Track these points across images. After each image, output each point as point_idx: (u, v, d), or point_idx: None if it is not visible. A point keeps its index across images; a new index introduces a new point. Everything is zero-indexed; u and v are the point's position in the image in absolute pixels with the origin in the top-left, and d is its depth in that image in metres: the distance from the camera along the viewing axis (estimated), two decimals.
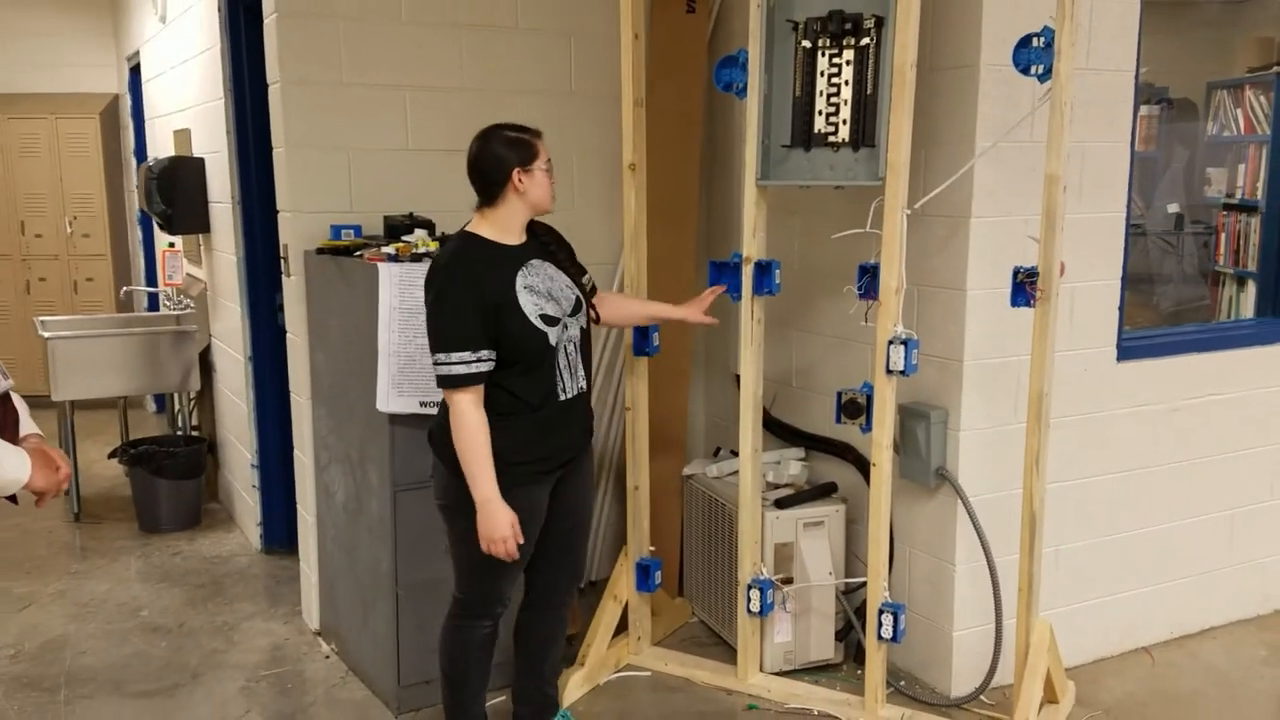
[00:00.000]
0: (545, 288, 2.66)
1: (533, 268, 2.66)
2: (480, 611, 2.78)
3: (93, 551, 4.64)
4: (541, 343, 2.61)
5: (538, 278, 2.66)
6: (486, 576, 2.72)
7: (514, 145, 2.61)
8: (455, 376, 2.53)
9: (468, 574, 2.75)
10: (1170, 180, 4.99)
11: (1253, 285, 4.20)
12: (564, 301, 2.69)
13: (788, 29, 2.98)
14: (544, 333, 2.61)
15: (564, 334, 2.67)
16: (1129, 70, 3.27)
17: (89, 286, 7.38)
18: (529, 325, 2.59)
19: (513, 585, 2.80)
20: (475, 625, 2.79)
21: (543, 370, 2.64)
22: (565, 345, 2.68)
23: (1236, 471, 3.72)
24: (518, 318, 2.57)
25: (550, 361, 2.64)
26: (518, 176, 2.60)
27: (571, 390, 2.71)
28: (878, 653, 3.05)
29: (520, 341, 2.58)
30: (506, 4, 3.73)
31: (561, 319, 2.67)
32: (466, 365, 2.52)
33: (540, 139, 2.66)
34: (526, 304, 2.60)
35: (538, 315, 2.61)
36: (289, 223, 3.59)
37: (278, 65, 3.48)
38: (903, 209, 2.85)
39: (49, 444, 2.11)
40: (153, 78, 6.01)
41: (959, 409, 3.17)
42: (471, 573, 2.74)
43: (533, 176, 2.62)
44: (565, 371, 2.69)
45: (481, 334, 2.53)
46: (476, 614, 2.78)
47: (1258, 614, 3.89)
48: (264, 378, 4.48)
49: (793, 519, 3.37)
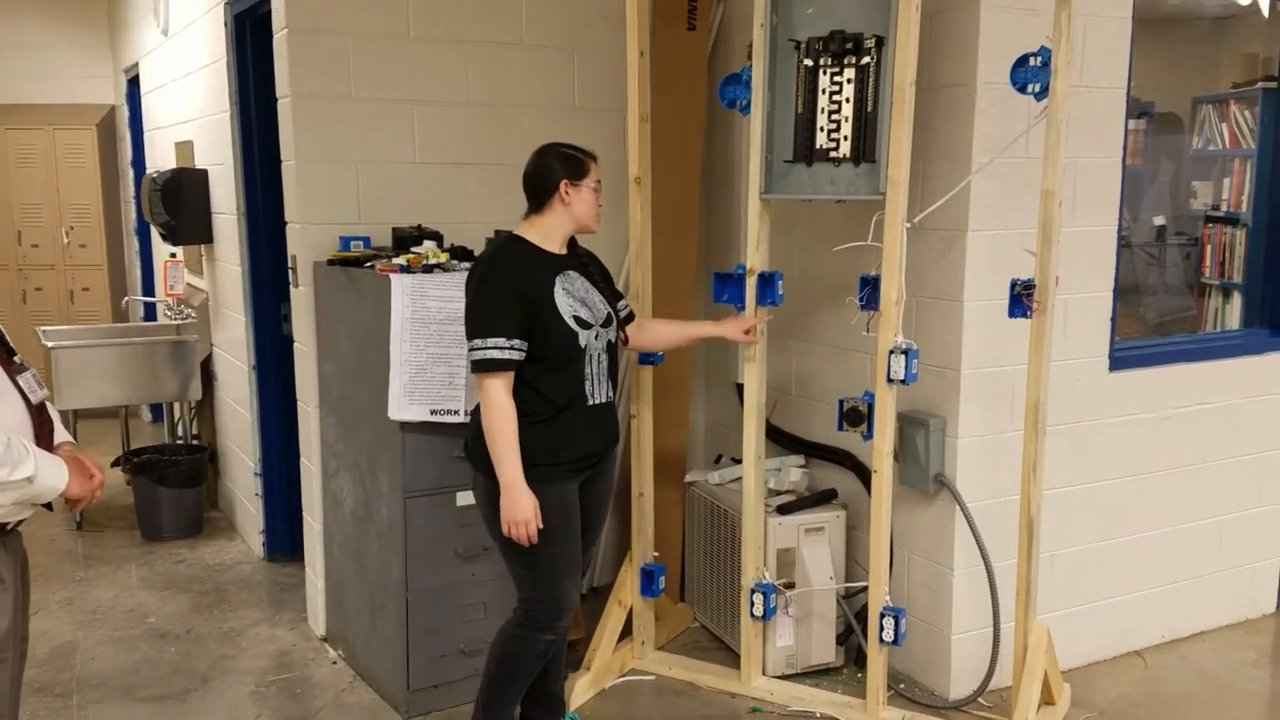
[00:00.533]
0: (580, 295, 2.79)
1: (570, 277, 2.80)
2: (545, 622, 2.79)
3: (96, 559, 4.67)
4: (572, 341, 2.72)
5: (573, 285, 2.79)
6: (545, 580, 2.77)
7: (567, 160, 2.77)
8: (490, 360, 2.63)
9: (527, 583, 2.80)
10: (1157, 193, 5.09)
11: (1239, 296, 4.29)
12: (596, 311, 2.81)
13: (790, 48, 3.07)
14: (575, 332, 2.73)
15: (594, 341, 2.78)
16: (1121, 87, 3.36)
17: (85, 296, 7.41)
18: (562, 322, 2.71)
19: (575, 589, 2.82)
20: (537, 637, 2.80)
21: (570, 370, 2.74)
22: (595, 352, 2.79)
23: (1225, 479, 3.81)
24: (552, 313, 2.70)
25: (578, 363, 2.75)
26: (565, 188, 2.75)
27: (599, 397, 2.81)
28: (879, 655, 3.12)
29: (552, 336, 2.69)
30: (511, 21, 3.81)
31: (594, 325, 2.78)
32: (501, 351, 2.63)
33: (594, 161, 2.81)
34: (562, 303, 2.72)
35: (571, 315, 2.73)
36: (297, 234, 3.65)
37: (288, 80, 3.54)
38: (902, 223, 2.93)
39: (82, 452, 2.17)
40: (153, 90, 6.05)
41: (957, 417, 3.25)
42: (532, 579, 2.79)
43: (579, 191, 2.77)
44: (596, 378, 2.79)
45: (517, 324, 2.65)
46: (540, 624, 2.79)
47: (1246, 618, 3.97)
48: (268, 387, 4.53)
49: (795, 525, 3.44)
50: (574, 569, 2.82)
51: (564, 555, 2.77)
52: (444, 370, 3.10)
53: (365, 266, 3.30)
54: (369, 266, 3.28)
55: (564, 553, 2.77)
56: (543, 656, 2.84)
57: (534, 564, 2.76)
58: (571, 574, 2.81)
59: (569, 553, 2.78)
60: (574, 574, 2.82)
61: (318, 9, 3.50)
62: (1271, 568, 4.01)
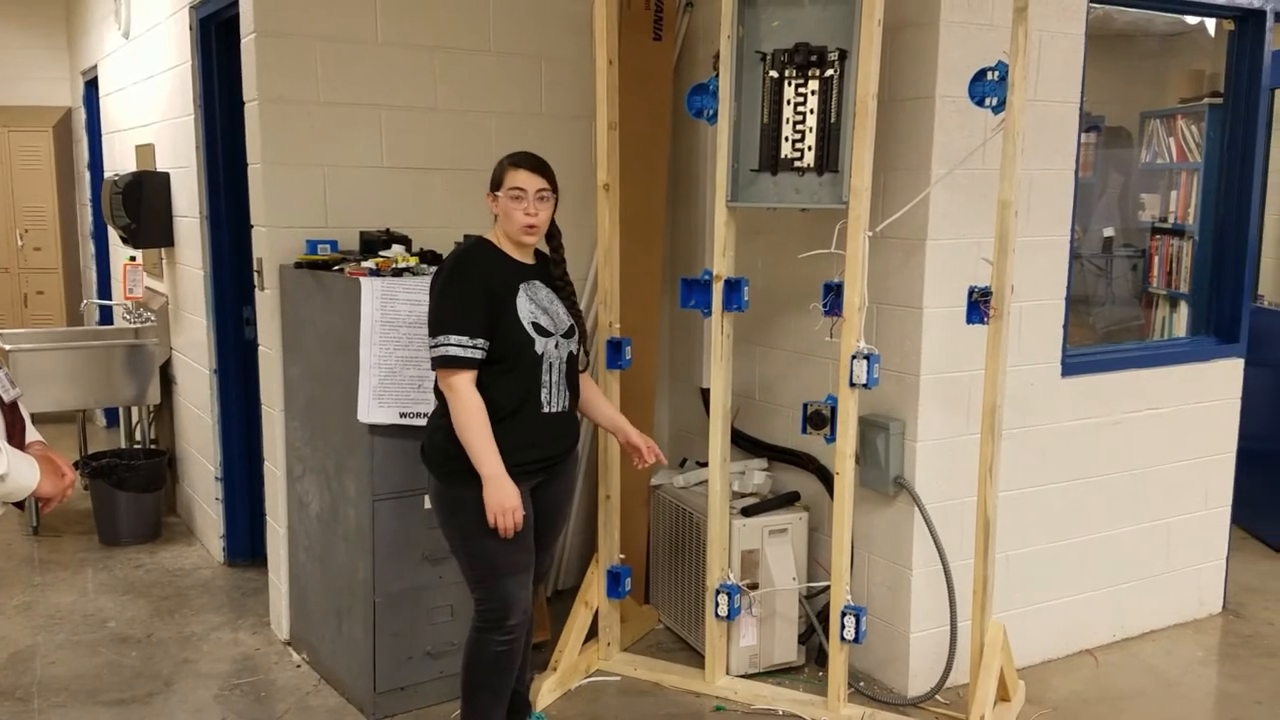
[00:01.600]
0: (543, 304, 2.80)
1: (534, 286, 2.81)
2: (494, 622, 2.79)
3: (54, 564, 4.62)
4: (527, 347, 2.74)
5: (538, 294, 2.81)
6: (491, 582, 2.78)
7: (495, 169, 2.81)
8: (451, 358, 2.65)
9: (475, 583, 2.82)
10: (1106, 205, 5.22)
11: (1185, 306, 4.42)
12: (559, 322, 2.82)
13: (756, 59, 3.13)
14: (532, 339, 2.74)
15: (554, 350, 2.79)
16: (1074, 102, 3.47)
17: (39, 300, 7.32)
18: (520, 327, 2.73)
19: (523, 590, 2.82)
20: (490, 639, 2.81)
21: (525, 375, 2.75)
22: (554, 361, 2.80)
23: (1173, 481, 3.93)
24: (511, 317, 2.72)
25: (534, 369, 2.76)
26: (489, 199, 2.80)
27: (556, 405, 2.82)
28: (840, 653, 3.19)
29: (508, 339, 2.71)
30: (479, 28, 3.84)
31: (554, 335, 2.79)
32: (463, 349, 2.65)
33: (522, 168, 2.75)
34: (522, 308, 2.75)
35: (530, 322, 2.75)
36: (263, 237, 3.65)
37: (255, 83, 3.55)
38: (864, 231, 3.00)
39: (53, 451, 2.17)
40: (112, 92, 6.00)
41: (916, 420, 3.33)
42: (477, 581, 2.81)
43: (497, 201, 2.78)
44: (554, 387, 2.81)
45: (480, 324, 2.67)
46: (491, 625, 2.80)
47: (1194, 618, 4.09)
48: (229, 390, 4.51)
49: (758, 526, 3.50)
50: (521, 570, 2.81)
51: (509, 557, 2.76)
52: (413, 373, 3.13)
53: (333, 270, 3.32)
54: (337, 270, 3.29)
55: (509, 554, 2.76)
56: (502, 659, 2.84)
57: (480, 565, 2.77)
58: (518, 575, 2.80)
59: (515, 554, 2.77)
60: (521, 575, 2.81)
61: (286, 13, 3.52)
62: (1218, 569, 4.14)
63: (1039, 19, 3.26)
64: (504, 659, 2.84)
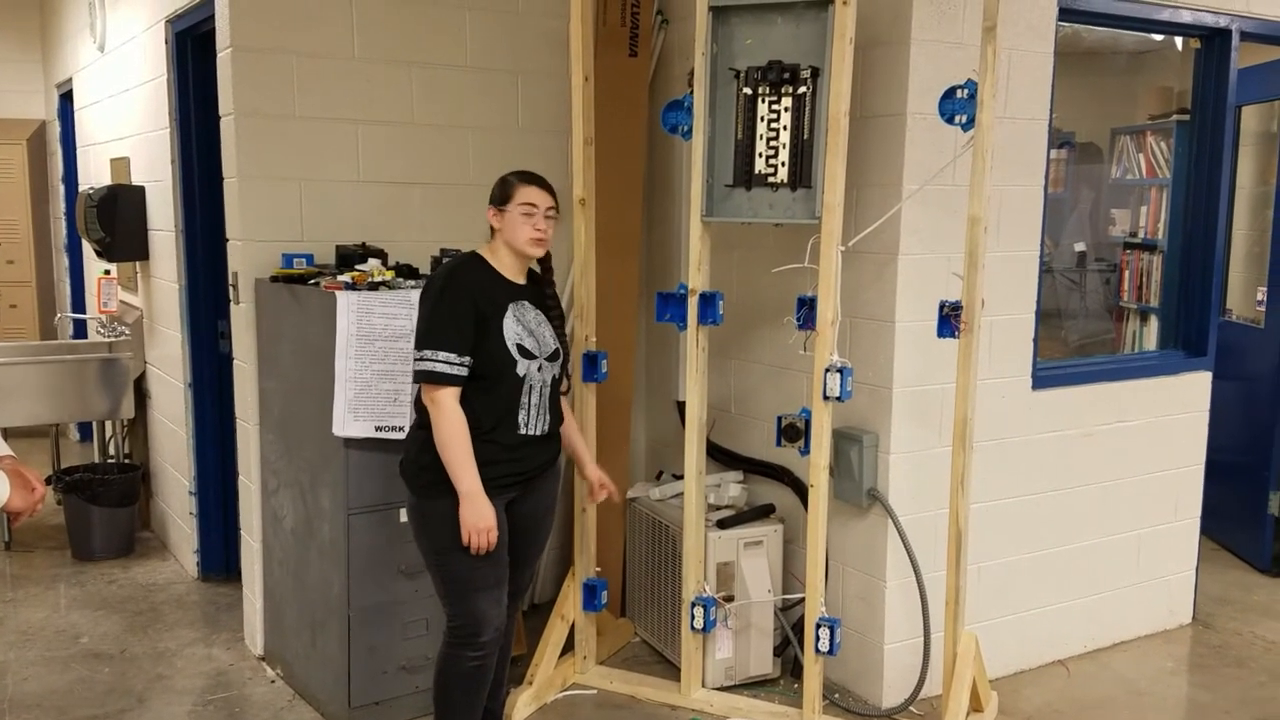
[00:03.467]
0: (530, 326, 2.81)
1: (524, 306, 2.82)
2: (465, 639, 2.79)
3: (26, 580, 4.59)
4: (509, 368, 2.74)
5: (526, 316, 2.81)
6: (463, 598, 2.78)
7: (500, 185, 2.84)
8: (437, 374, 2.66)
9: (447, 599, 2.82)
10: (1077, 220, 5.29)
11: (1155, 319, 4.48)
12: (544, 345, 2.83)
13: (730, 76, 3.17)
14: (515, 360, 2.75)
15: (537, 373, 2.80)
16: (1043, 119, 3.52)
17: (12, 314, 7.27)
18: (504, 348, 2.73)
19: (495, 607, 2.81)
20: (462, 655, 2.81)
21: (505, 396, 2.75)
22: (537, 384, 2.81)
23: (1143, 494, 3.97)
24: (495, 337, 2.72)
25: (515, 390, 2.76)
26: (491, 214, 2.81)
27: (536, 429, 2.82)
28: (815, 665, 3.20)
29: (492, 359, 2.71)
30: (456, 44, 3.86)
31: (538, 357, 2.80)
32: (450, 365, 2.66)
33: (533, 185, 2.81)
34: (508, 329, 2.75)
35: (515, 343, 2.75)
36: (239, 251, 3.65)
37: (231, 97, 3.55)
38: (837, 246, 3.04)
39: (23, 465, 2.16)
40: (87, 105, 5.98)
41: (889, 433, 3.36)
42: (450, 597, 2.81)
43: (504, 216, 2.80)
44: (533, 409, 2.81)
45: (467, 340, 2.69)
46: (462, 641, 2.80)
47: (1164, 628, 4.13)
48: (204, 404, 4.50)
49: (734, 539, 3.52)
50: (493, 587, 2.80)
51: (482, 572, 2.75)
52: (389, 387, 3.13)
53: (309, 284, 3.32)
54: (313, 284, 3.30)
55: (482, 570, 2.75)
56: (474, 675, 2.83)
57: (453, 580, 2.77)
58: (490, 591, 2.79)
59: (488, 570, 2.76)
60: (493, 592, 2.80)
61: (262, 28, 3.53)
62: (1187, 580, 4.18)
63: (1008, 37, 3.31)
64: (476, 674, 2.83)
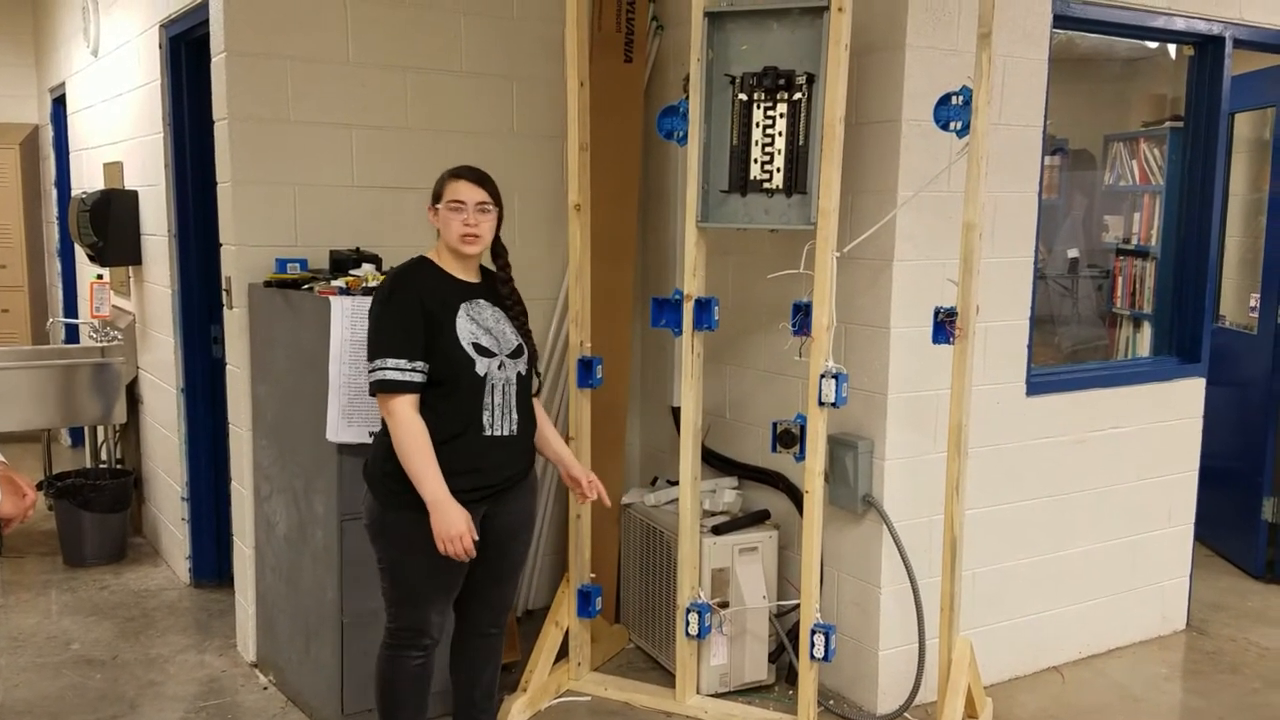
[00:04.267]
0: (486, 324, 2.74)
1: (479, 305, 2.76)
2: (408, 642, 2.78)
3: (17, 585, 4.56)
4: (468, 370, 2.67)
5: (480, 314, 2.75)
6: (410, 606, 2.75)
7: (435, 184, 2.78)
8: (389, 381, 2.60)
9: (393, 603, 2.78)
10: (1071, 226, 5.30)
11: (1148, 326, 4.48)
12: (504, 341, 2.75)
13: (725, 82, 3.17)
14: (472, 359, 2.68)
15: (498, 370, 2.72)
16: (1037, 125, 3.53)
17: (4, 318, 7.24)
18: (459, 348, 2.66)
19: (440, 616, 2.79)
20: (404, 656, 2.79)
21: (467, 398, 2.68)
22: (499, 383, 2.72)
23: (1137, 500, 3.98)
24: (449, 338, 2.66)
25: (477, 392, 2.69)
26: (430, 213, 2.78)
27: (503, 429, 2.74)
28: (810, 672, 3.20)
29: (447, 361, 2.65)
30: (451, 49, 3.86)
31: (499, 355, 2.73)
32: (401, 372, 2.61)
33: (462, 179, 2.74)
34: (462, 328, 2.69)
35: (470, 342, 2.68)
36: (232, 256, 3.64)
37: (225, 102, 3.55)
38: (832, 252, 3.04)
39: (14, 471, 2.15)
40: (80, 110, 5.97)
41: (884, 439, 3.36)
42: (396, 601, 2.77)
43: (437, 214, 2.75)
44: (498, 409, 2.73)
45: (419, 345, 2.63)
46: (405, 644, 2.78)
47: (1159, 634, 4.14)
48: (196, 409, 4.48)
49: (729, 545, 3.51)
50: (442, 597, 2.77)
51: (432, 583, 2.72)
52: None
53: (303, 289, 3.31)
54: (307, 289, 3.29)
55: (433, 581, 2.72)
56: (418, 674, 2.80)
57: (402, 589, 2.74)
58: (438, 602, 2.76)
59: (440, 581, 2.73)
60: (441, 602, 2.77)
61: (256, 33, 3.52)
62: (1181, 586, 4.19)
63: (1002, 44, 3.32)
64: (421, 670, 2.80)
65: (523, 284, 2.97)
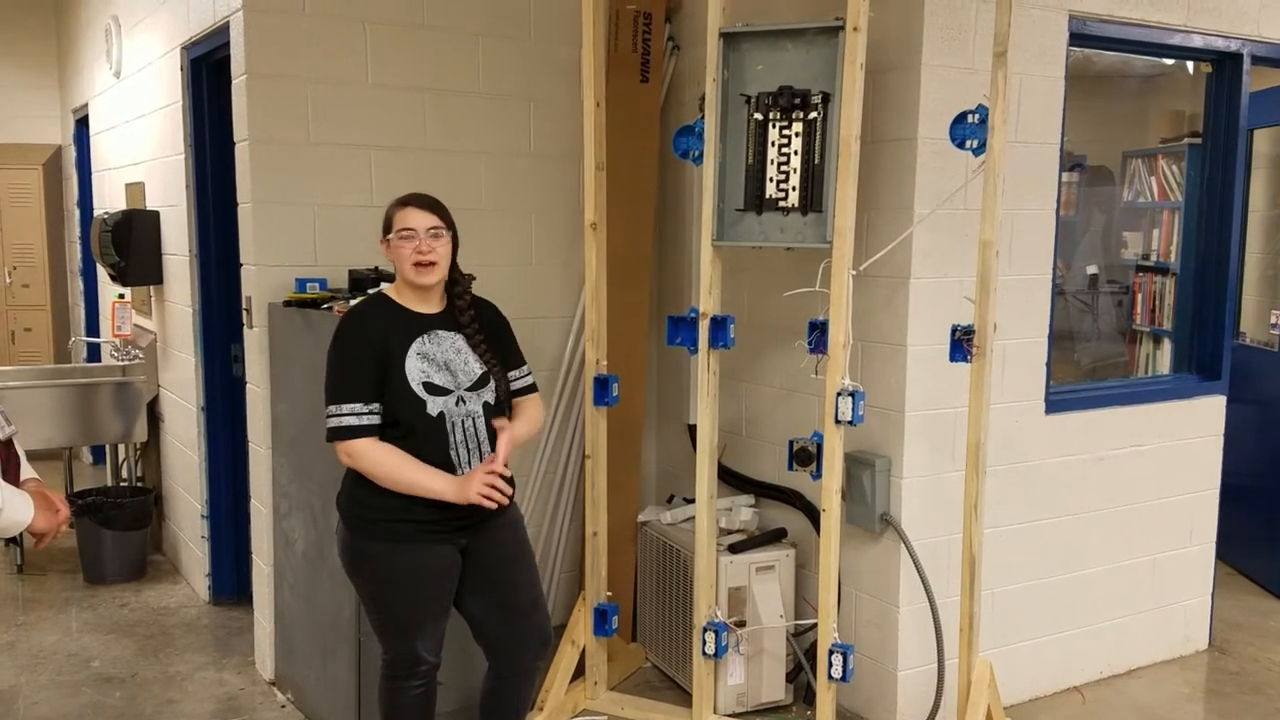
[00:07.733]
0: (442, 358, 2.65)
1: (436, 337, 2.66)
2: (404, 671, 2.74)
3: (38, 603, 4.59)
4: (418, 410, 2.59)
5: (437, 347, 2.65)
6: (398, 636, 2.71)
7: (385, 214, 2.68)
8: (345, 428, 2.55)
9: (382, 634, 2.75)
10: (1089, 243, 5.29)
11: (1168, 343, 4.46)
12: (461, 375, 2.66)
13: (741, 102, 3.18)
14: (423, 400, 2.59)
15: (456, 407, 2.63)
16: (1054, 142, 3.52)
17: (27, 337, 7.31)
18: (407, 389, 2.58)
19: (428, 645, 2.74)
20: (403, 686, 2.75)
21: (428, 440, 2.60)
22: (460, 418, 2.64)
23: (1158, 518, 3.95)
24: (398, 378, 2.58)
25: (438, 433, 2.61)
26: (383, 246, 2.69)
27: (473, 465, 2.65)
28: (827, 692, 3.18)
29: (399, 402, 2.58)
30: (469, 70, 3.89)
31: (455, 391, 2.64)
32: (357, 417, 2.55)
33: (406, 207, 2.64)
34: (412, 368, 2.60)
35: (420, 382, 2.60)
36: (252, 275, 3.67)
37: (246, 124, 3.58)
38: (849, 270, 3.03)
39: (47, 487, 2.17)
40: (102, 131, 6.04)
41: (901, 457, 3.35)
42: (384, 632, 2.74)
43: (388, 247, 2.66)
44: (462, 446, 2.64)
45: (372, 387, 2.56)
46: (401, 674, 2.74)
47: (1180, 654, 4.09)
48: (217, 428, 4.51)
49: (746, 563, 3.50)
50: (428, 628, 2.71)
51: (416, 611, 2.68)
52: None
53: (322, 308, 3.33)
54: (325, 308, 3.31)
55: (417, 609, 2.68)
56: (420, 704, 2.76)
57: (385, 619, 2.71)
58: (424, 633, 2.70)
59: (424, 609, 2.69)
60: (428, 633, 2.72)
61: (277, 55, 3.56)
62: (1203, 605, 4.15)
63: (1018, 62, 3.32)
64: (423, 699, 2.76)
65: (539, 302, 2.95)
